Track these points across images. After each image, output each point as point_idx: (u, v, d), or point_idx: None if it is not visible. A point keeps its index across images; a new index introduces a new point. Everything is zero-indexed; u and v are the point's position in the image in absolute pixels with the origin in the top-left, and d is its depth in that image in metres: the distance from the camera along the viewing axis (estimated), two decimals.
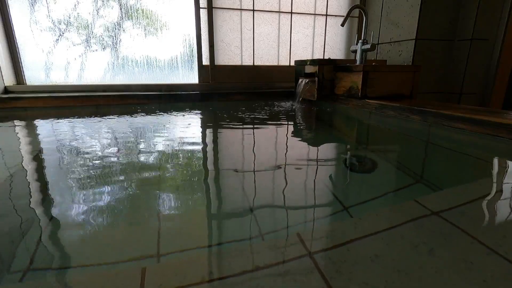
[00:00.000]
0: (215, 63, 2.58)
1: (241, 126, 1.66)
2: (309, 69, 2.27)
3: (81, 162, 1.04)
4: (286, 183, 0.86)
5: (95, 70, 2.38)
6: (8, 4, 2.06)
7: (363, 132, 1.70)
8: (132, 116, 1.92)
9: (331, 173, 1.00)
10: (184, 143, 1.31)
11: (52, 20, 2.20)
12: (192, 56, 2.55)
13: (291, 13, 2.69)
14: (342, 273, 0.41)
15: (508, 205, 0.63)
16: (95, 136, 1.41)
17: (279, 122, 1.80)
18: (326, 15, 2.78)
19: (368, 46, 2.05)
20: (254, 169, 0.99)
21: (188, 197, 0.80)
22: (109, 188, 0.82)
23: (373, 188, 0.86)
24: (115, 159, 1.08)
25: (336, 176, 0.97)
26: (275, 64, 2.78)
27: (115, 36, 2.36)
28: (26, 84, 2.24)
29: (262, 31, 2.66)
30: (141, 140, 1.35)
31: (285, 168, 0.99)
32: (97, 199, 0.75)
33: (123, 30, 2.36)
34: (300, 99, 2.34)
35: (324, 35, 2.83)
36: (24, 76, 2.23)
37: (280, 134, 1.54)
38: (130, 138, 1.38)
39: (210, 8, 2.43)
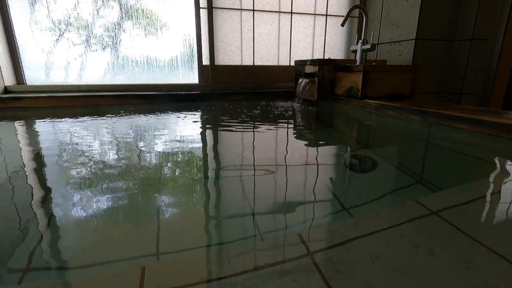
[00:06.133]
0: (215, 63, 2.58)
1: (241, 126, 1.66)
2: (309, 69, 2.27)
3: (81, 161, 1.04)
4: (286, 183, 0.86)
5: (95, 70, 2.38)
6: (8, 4, 2.06)
7: (363, 132, 1.70)
8: (132, 116, 1.92)
9: (331, 173, 1.00)
10: (184, 143, 1.31)
11: (52, 20, 2.19)
12: (192, 56, 2.55)
13: (291, 13, 2.69)
14: (342, 272, 0.41)
15: (508, 205, 0.63)
16: (95, 136, 1.41)
17: (279, 122, 1.79)
18: (326, 15, 2.78)
19: (368, 46, 2.04)
20: (254, 169, 0.99)
21: (188, 197, 0.80)
22: (109, 187, 0.82)
23: (373, 188, 0.86)
24: (115, 159, 1.08)
25: (336, 176, 0.97)
26: (275, 64, 2.78)
27: (115, 36, 2.36)
28: (26, 84, 2.24)
29: (262, 31, 2.66)
30: (141, 140, 1.35)
31: (285, 168, 0.99)
32: (97, 199, 0.75)
33: (123, 30, 2.36)
34: (300, 99, 2.34)
35: (324, 35, 2.83)
36: (24, 76, 2.23)
37: (280, 134, 1.54)
38: (130, 138, 1.38)
39: (210, 8, 2.43)
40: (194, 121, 1.84)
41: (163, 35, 2.46)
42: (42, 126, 1.66)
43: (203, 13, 2.43)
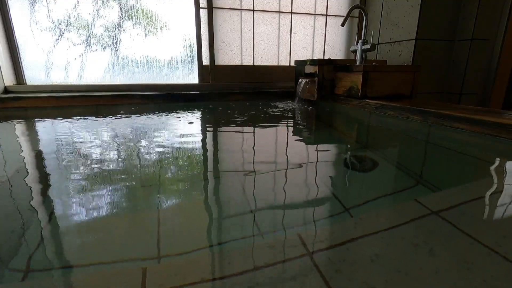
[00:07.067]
0: (215, 63, 2.58)
1: (241, 127, 1.66)
2: (309, 69, 2.27)
3: (81, 162, 1.04)
4: (286, 183, 0.86)
5: (95, 70, 2.38)
6: (8, 4, 2.06)
7: (363, 132, 1.70)
8: (132, 116, 1.92)
9: (331, 173, 1.00)
10: (184, 143, 1.31)
11: (52, 20, 2.19)
12: (192, 56, 2.55)
13: (291, 13, 2.69)
14: (342, 273, 0.41)
15: (508, 205, 0.63)
16: (95, 136, 1.41)
17: (279, 122, 1.79)
18: (326, 15, 2.78)
19: (368, 46, 2.04)
20: (254, 169, 0.99)
21: (188, 198, 0.80)
22: (110, 188, 0.82)
23: (373, 188, 0.86)
24: (116, 159, 1.08)
25: (336, 176, 0.97)
26: (275, 64, 2.78)
27: (115, 36, 2.36)
28: (26, 84, 2.24)
29: (262, 31, 2.66)
30: (141, 141, 1.35)
31: (285, 168, 0.99)
32: (98, 199, 0.75)
33: (123, 30, 2.36)
34: (300, 99, 2.34)
35: (324, 35, 2.83)
36: (24, 76, 2.23)
37: (280, 134, 1.54)
38: (130, 139, 1.38)
39: (210, 8, 2.43)
40: (193, 122, 1.84)
41: (163, 35, 2.46)
42: (42, 126, 1.66)
43: (203, 13, 2.43)
